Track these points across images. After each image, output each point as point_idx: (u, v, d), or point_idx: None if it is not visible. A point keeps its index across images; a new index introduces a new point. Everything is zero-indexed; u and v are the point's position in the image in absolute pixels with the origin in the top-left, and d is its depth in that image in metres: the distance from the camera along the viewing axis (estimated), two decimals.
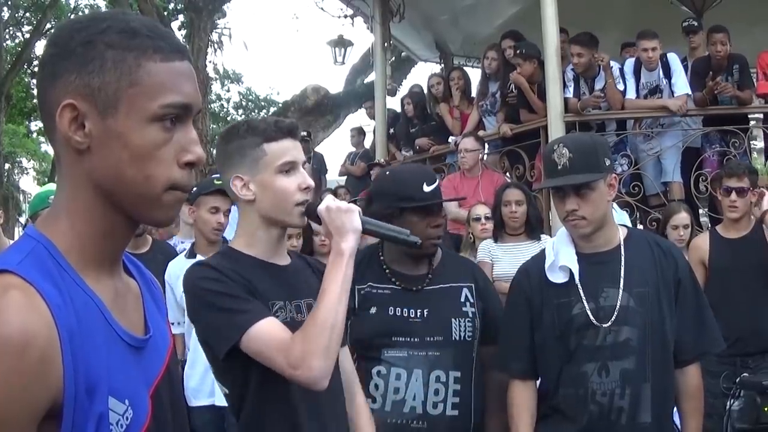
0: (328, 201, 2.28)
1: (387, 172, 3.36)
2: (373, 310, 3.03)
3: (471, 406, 3.01)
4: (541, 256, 3.07)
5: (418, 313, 3.03)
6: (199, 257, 4.42)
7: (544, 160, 2.95)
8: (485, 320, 3.12)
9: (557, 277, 2.94)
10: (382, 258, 3.13)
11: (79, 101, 1.23)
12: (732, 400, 3.42)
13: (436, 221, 3.04)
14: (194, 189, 4.42)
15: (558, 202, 2.92)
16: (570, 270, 2.92)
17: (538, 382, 3.06)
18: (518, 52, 7.78)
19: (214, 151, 3.31)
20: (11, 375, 1.07)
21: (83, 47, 1.23)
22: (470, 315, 3.07)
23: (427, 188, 2.99)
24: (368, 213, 2.53)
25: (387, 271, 3.10)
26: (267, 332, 2.14)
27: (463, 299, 3.10)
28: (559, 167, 2.83)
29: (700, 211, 7.54)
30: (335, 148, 13.19)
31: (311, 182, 2.36)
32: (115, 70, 1.23)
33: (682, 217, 5.49)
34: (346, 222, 2.23)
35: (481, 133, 8.05)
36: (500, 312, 3.18)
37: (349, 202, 2.37)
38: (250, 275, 2.29)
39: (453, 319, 3.03)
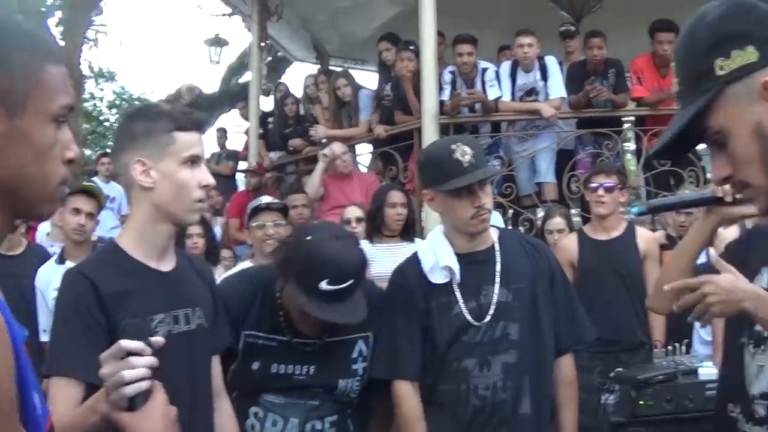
0: None
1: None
2: (255, 365, 2.80)
3: None
4: (414, 259, 3.03)
5: (304, 370, 2.83)
6: (69, 263, 4.31)
7: (441, 163, 2.88)
8: None
9: (439, 278, 2.92)
10: (279, 302, 2.82)
11: None
12: (607, 395, 3.46)
13: None
14: None
15: (464, 200, 2.86)
16: (450, 269, 2.90)
17: None
18: (407, 47, 7.72)
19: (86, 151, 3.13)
20: None
21: None
22: (360, 373, 2.89)
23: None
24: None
25: (282, 319, 2.82)
26: (55, 393, 2.10)
27: (355, 355, 2.90)
28: (465, 165, 2.82)
29: (572, 211, 7.70)
30: (209, 148, 12.96)
31: (212, 180, 2.31)
32: (23, 71, 1.26)
33: (556, 221, 5.71)
34: None
35: (348, 132, 8.15)
36: None
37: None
38: (129, 283, 2.22)
39: (340, 380, 2.85)
